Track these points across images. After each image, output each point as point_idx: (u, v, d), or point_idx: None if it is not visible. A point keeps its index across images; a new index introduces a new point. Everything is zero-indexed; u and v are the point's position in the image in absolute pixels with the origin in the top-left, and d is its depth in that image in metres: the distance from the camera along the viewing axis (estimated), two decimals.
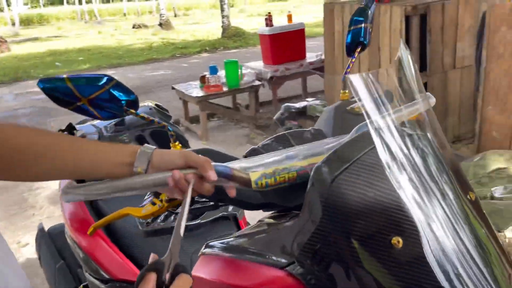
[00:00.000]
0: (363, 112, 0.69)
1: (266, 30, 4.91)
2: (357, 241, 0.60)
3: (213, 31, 16.30)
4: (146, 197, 1.44)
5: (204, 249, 0.79)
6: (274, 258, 0.67)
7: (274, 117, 2.95)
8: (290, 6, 25.73)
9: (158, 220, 1.37)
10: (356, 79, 0.69)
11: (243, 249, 0.72)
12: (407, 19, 3.52)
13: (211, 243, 0.79)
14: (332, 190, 0.62)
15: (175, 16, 30.46)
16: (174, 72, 8.94)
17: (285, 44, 4.95)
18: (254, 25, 17.35)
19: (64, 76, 0.81)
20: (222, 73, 4.60)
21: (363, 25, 1.03)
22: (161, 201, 0.87)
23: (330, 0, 4.53)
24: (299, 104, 2.62)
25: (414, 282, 0.58)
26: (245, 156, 0.92)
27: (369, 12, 1.07)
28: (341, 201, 0.61)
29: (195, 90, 4.54)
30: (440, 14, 3.55)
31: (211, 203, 0.93)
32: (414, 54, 3.60)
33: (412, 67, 0.78)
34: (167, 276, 0.57)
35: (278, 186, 0.71)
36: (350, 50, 1.04)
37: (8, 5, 26.74)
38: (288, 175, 0.71)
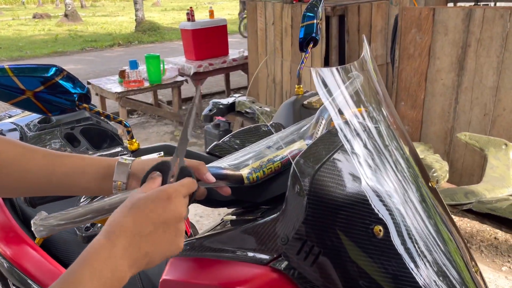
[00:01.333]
0: (328, 107, 0.70)
1: (188, 25, 4.81)
2: (341, 232, 0.61)
3: (125, 25, 15.62)
4: (82, 199, 1.33)
5: None
6: (254, 255, 0.66)
7: (202, 113, 2.93)
8: (205, 2, 25.55)
9: (99, 225, 1.28)
10: (317, 73, 0.70)
11: (219, 248, 0.70)
12: (327, 19, 3.69)
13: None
14: (315, 183, 0.62)
15: (82, 7, 28.56)
16: (86, 66, 8.39)
17: (207, 40, 4.90)
18: (169, 19, 16.93)
19: (5, 66, 0.71)
20: (142, 68, 4.42)
21: (315, 21, 1.05)
22: None
23: None
24: (227, 100, 2.63)
25: (398, 270, 0.61)
26: (208, 152, 0.89)
27: (319, 8, 1.09)
28: (324, 193, 0.62)
29: (113, 86, 4.30)
30: (356, 16, 3.77)
31: None
32: (335, 52, 3.79)
33: (373, 65, 0.81)
34: (172, 178, 0.58)
35: (268, 177, 0.72)
36: (303, 45, 1.05)
37: None
38: (274, 166, 0.73)
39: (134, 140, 0.84)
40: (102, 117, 0.83)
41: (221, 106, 3.10)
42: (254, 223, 0.68)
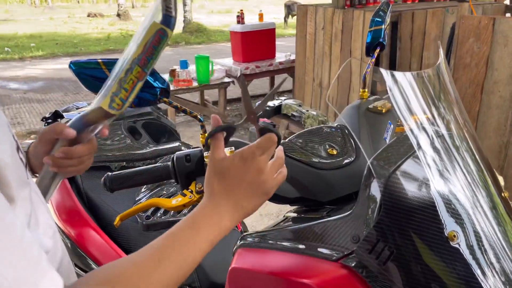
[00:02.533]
0: (394, 111, 0.71)
1: (237, 28, 4.90)
2: (415, 234, 0.62)
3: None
4: (143, 189, 1.40)
5: (240, 241, 0.78)
6: (323, 250, 0.67)
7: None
8: (250, 5, 25.81)
9: (158, 214, 1.33)
10: (389, 77, 0.71)
11: (286, 242, 0.72)
12: None
13: (247, 237, 0.78)
14: (390, 185, 0.63)
15: (133, 7, 29.59)
16: None
17: (256, 43, 4.96)
18: (215, 22, 17.24)
19: (98, 59, 0.76)
20: (192, 68, 4.53)
21: (382, 26, 1.06)
22: (191, 192, 0.85)
23: (292, 1, 4.58)
24: (273, 103, 2.64)
25: (471, 277, 0.61)
26: None
27: (387, 14, 1.09)
28: (399, 195, 0.63)
29: None
30: (409, 23, 3.70)
31: None
32: (385, 59, 3.74)
33: (447, 72, 0.81)
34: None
35: (135, 92, 0.61)
36: (369, 50, 1.06)
37: None
38: (134, 75, 0.60)
39: (206, 134, 0.87)
40: (180, 110, 0.88)
41: (267, 108, 3.13)
42: (324, 220, 0.70)
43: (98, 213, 1.45)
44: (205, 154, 0.83)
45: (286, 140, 0.92)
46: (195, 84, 4.44)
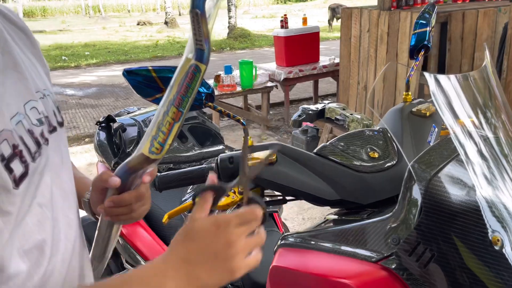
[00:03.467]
0: (438, 114, 0.70)
1: (281, 32, 4.93)
2: (457, 238, 0.61)
3: (219, 31, 16.32)
4: (189, 190, 1.44)
5: (281, 241, 0.80)
6: (363, 252, 0.68)
7: (292, 118, 2.95)
8: (295, 9, 25.80)
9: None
10: (432, 80, 0.70)
11: (327, 243, 0.73)
12: None
13: (288, 237, 0.80)
14: (431, 188, 0.63)
15: (180, 14, 30.43)
16: None
17: (299, 47, 4.97)
18: (259, 27, 17.39)
19: (149, 67, 0.82)
20: (236, 73, 4.61)
21: (427, 28, 1.04)
22: (234, 192, 0.88)
23: (336, 4, 4.55)
24: (316, 106, 2.62)
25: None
26: (316, 153, 0.93)
27: (432, 16, 1.08)
28: (440, 199, 0.63)
29: None
30: (460, 23, 3.58)
31: (280, 197, 0.94)
32: (433, 61, 3.63)
33: (494, 76, 0.79)
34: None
35: (174, 134, 0.59)
36: (413, 52, 1.05)
37: None
38: (170, 116, 0.58)
39: (249, 137, 0.91)
40: (224, 115, 0.91)
41: (310, 112, 3.11)
42: (364, 222, 0.71)
43: (148, 213, 1.52)
44: (248, 156, 0.86)
45: (327, 143, 0.94)
46: (238, 89, 4.52)
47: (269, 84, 4.73)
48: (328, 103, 2.98)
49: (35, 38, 0.70)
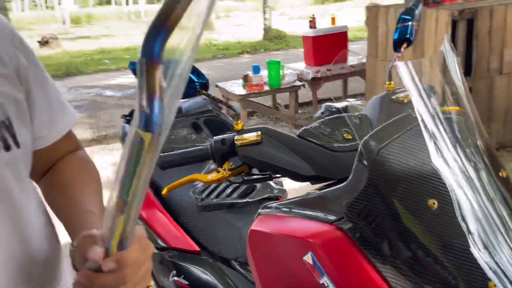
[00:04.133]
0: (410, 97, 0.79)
1: (309, 32, 5.02)
2: (397, 201, 0.71)
3: (255, 33, 16.51)
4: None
5: (262, 209, 0.92)
6: (322, 215, 0.79)
7: (315, 116, 3.06)
8: (333, 10, 25.62)
9: (212, 196, 1.52)
10: (403, 67, 0.80)
11: (296, 209, 0.84)
12: (454, 24, 3.53)
13: (268, 206, 0.92)
14: (377, 159, 0.73)
15: (217, 17, 30.96)
16: (216, 72, 9.17)
17: (327, 46, 5.03)
18: (295, 28, 17.45)
19: None
20: (264, 72, 4.74)
21: (409, 23, 1.13)
22: (225, 169, 1.01)
23: (373, 3, 4.58)
24: (340, 104, 2.68)
25: (447, 239, 0.68)
26: (298, 135, 1.04)
27: (416, 11, 1.16)
28: (385, 168, 0.72)
29: (237, 89, 4.70)
30: (488, 19, 3.53)
31: (266, 175, 1.06)
32: (461, 58, 3.60)
33: (454, 61, 0.88)
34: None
35: (120, 230, 0.47)
36: (397, 45, 1.14)
37: (59, 3, 28.15)
38: (114, 207, 0.46)
39: (239, 122, 1.03)
40: (215, 102, 1.04)
41: (333, 109, 3.19)
42: (326, 190, 0.82)
43: (164, 198, 1.67)
44: (236, 137, 0.98)
45: (309, 127, 1.04)
46: (266, 88, 4.64)
47: (297, 83, 4.82)
48: (352, 101, 3.05)
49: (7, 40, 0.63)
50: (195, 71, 0.97)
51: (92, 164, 0.78)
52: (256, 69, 4.67)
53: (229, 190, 1.48)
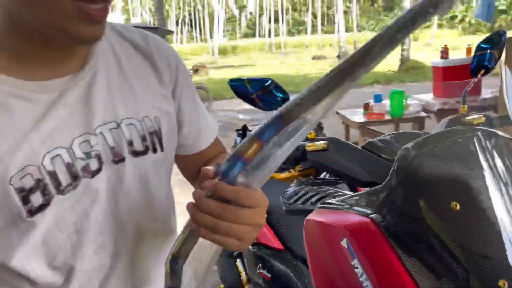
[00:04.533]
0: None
1: (439, 63, 4.87)
2: (422, 201, 0.81)
3: (391, 64, 16.16)
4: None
5: (320, 204, 1.08)
6: (362, 209, 0.92)
7: None
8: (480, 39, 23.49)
9: (298, 202, 1.70)
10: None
11: (346, 204, 0.99)
12: None
13: (326, 201, 1.07)
14: (407, 165, 0.84)
15: (355, 48, 30.96)
16: (343, 100, 9.29)
17: (458, 78, 4.79)
18: (438, 59, 16.57)
19: (244, 78, 1.21)
20: (386, 102, 4.74)
21: (488, 51, 1.18)
22: (295, 170, 1.19)
23: None
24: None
25: (467, 239, 0.77)
26: (363, 147, 1.17)
27: (500, 39, 1.20)
28: (413, 173, 0.84)
29: (357, 116, 4.78)
30: None
31: (332, 179, 1.21)
32: None
33: None
34: None
35: None
36: (474, 72, 1.20)
37: (211, 37, 31.60)
38: None
39: (312, 131, 1.21)
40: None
41: None
42: (367, 190, 0.95)
43: None
44: (306, 144, 1.16)
45: (373, 140, 1.17)
46: (387, 117, 4.63)
47: (422, 114, 4.70)
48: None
49: (165, 63, 0.72)
50: (279, 88, 1.19)
51: None
52: (378, 98, 4.70)
53: (314, 199, 1.65)
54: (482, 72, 1.19)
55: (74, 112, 0.60)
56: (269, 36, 34.87)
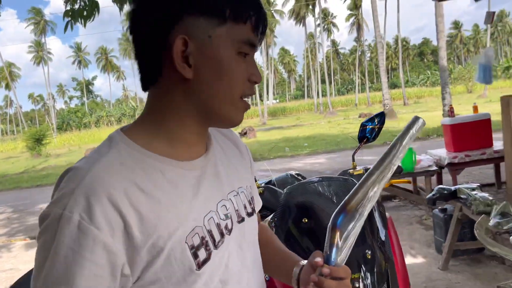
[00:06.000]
0: None
1: (446, 121, 5.34)
2: (291, 219, 1.45)
3: (435, 119, 16.20)
4: None
5: None
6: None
7: (427, 197, 3.88)
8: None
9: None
10: None
11: None
12: None
13: None
14: (286, 199, 1.50)
15: (404, 104, 30.92)
16: (372, 158, 9.65)
17: (467, 133, 5.22)
18: (489, 111, 16.34)
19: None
20: None
21: (369, 127, 1.81)
22: None
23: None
24: (450, 187, 3.38)
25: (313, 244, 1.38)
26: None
27: (380, 119, 1.83)
28: (287, 203, 1.49)
29: None
30: None
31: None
32: None
33: None
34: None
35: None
36: (360, 140, 1.82)
37: (261, 100, 33.05)
38: None
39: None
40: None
41: (445, 192, 3.90)
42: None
43: None
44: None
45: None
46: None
47: (433, 168, 5.11)
48: (462, 184, 3.66)
49: (243, 146, 0.92)
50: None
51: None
52: None
53: None
54: (365, 140, 1.81)
55: (212, 184, 0.76)
56: (318, 96, 35.96)
